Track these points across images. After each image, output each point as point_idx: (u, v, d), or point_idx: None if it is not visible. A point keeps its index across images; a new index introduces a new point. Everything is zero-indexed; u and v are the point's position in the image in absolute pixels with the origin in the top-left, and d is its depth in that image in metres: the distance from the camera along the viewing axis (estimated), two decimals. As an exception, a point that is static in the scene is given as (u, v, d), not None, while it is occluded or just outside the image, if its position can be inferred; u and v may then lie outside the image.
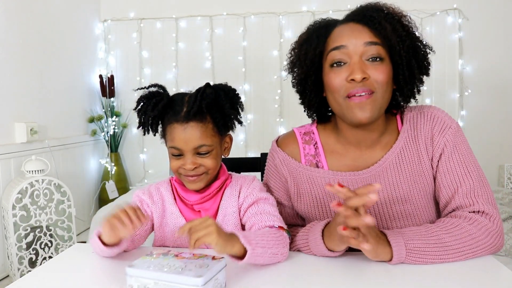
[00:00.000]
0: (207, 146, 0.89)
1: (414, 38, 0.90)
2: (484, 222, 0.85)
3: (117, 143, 3.19)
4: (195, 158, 0.90)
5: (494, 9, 2.93)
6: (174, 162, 0.92)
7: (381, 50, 0.87)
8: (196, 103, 0.87)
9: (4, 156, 2.16)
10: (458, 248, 0.81)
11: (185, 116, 0.88)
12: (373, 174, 0.95)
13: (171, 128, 0.90)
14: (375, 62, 0.87)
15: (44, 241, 2.16)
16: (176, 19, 3.14)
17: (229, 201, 0.96)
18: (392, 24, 0.88)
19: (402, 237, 0.80)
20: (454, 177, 0.91)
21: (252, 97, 3.13)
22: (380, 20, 0.87)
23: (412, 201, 0.94)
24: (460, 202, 0.89)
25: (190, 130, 0.88)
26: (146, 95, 0.94)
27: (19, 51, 2.32)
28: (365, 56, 0.87)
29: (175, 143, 0.89)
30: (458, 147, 0.93)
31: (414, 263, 0.79)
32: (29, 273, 0.82)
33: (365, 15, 0.89)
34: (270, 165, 1.07)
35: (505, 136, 2.97)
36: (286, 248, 0.85)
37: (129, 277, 0.71)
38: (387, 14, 0.89)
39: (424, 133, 0.95)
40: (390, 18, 0.88)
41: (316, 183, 0.98)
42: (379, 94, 0.87)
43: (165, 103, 0.91)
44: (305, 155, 1.01)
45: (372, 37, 0.87)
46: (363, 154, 0.97)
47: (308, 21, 1.00)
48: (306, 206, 1.00)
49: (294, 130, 1.07)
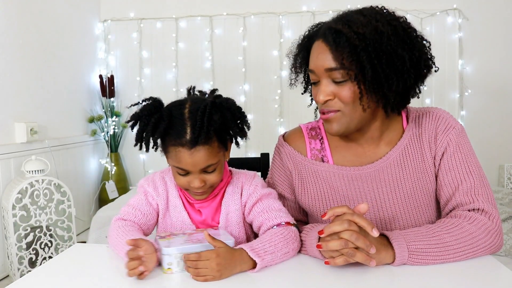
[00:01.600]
0: (213, 165, 0.88)
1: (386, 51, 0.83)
2: (483, 221, 0.85)
3: (117, 143, 3.19)
4: (202, 176, 0.89)
5: (494, 9, 2.93)
6: (180, 180, 0.90)
7: (341, 73, 0.86)
8: (204, 130, 0.83)
9: (4, 156, 2.16)
10: (459, 247, 0.81)
11: (191, 142, 0.84)
12: (377, 169, 0.96)
13: (176, 151, 0.86)
14: (341, 83, 0.88)
15: (44, 241, 2.16)
16: (176, 19, 3.14)
17: (231, 199, 0.97)
18: (352, 45, 0.83)
19: (404, 239, 0.80)
20: (456, 175, 0.92)
21: (252, 97, 3.13)
22: (340, 41, 0.84)
23: (414, 198, 0.95)
24: (461, 200, 0.90)
25: (197, 154, 0.85)
26: (142, 112, 0.88)
27: (19, 51, 2.32)
28: (331, 78, 0.89)
29: (181, 166, 0.87)
30: (461, 146, 0.94)
31: (416, 265, 0.80)
32: (29, 273, 0.82)
33: (326, 35, 0.87)
34: (275, 159, 1.09)
35: (505, 136, 2.97)
36: (296, 243, 0.88)
37: (167, 256, 0.79)
38: (350, 31, 0.84)
39: (428, 132, 0.96)
40: (351, 37, 0.83)
41: (320, 177, 1.00)
42: (346, 112, 0.90)
43: (167, 124, 0.86)
44: (311, 149, 1.04)
45: (332, 62, 0.86)
46: (366, 150, 1.00)
47: (308, 21, 1.01)
48: (310, 200, 1.02)
49: (301, 125, 1.10)
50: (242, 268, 0.80)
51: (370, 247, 0.75)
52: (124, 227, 0.93)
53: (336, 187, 0.98)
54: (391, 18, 0.87)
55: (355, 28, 0.84)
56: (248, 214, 0.96)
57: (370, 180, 0.97)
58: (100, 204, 3.04)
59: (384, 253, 0.79)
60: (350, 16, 0.88)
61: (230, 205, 0.97)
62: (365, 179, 0.97)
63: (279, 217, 0.92)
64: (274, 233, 0.87)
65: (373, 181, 0.96)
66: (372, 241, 0.78)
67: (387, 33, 0.84)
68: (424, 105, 2.97)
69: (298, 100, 2.94)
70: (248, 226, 1.00)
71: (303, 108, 3.05)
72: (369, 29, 0.84)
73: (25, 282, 0.79)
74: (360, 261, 0.76)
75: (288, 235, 0.87)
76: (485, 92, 2.97)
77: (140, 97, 3.19)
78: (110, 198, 2.97)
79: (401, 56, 0.84)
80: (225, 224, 0.97)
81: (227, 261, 0.77)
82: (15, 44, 2.29)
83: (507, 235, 1.84)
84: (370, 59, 0.83)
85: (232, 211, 0.97)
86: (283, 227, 0.90)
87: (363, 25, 0.84)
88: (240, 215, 0.97)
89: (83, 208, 2.94)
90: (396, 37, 0.84)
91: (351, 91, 0.87)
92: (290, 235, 0.88)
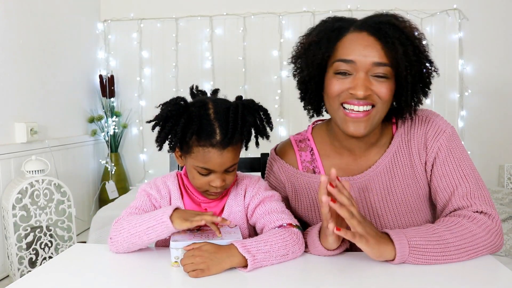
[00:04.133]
0: (235, 164, 0.90)
1: (422, 61, 0.89)
2: (484, 220, 0.85)
3: (117, 143, 3.19)
4: (223, 176, 0.90)
5: (494, 9, 2.93)
6: (201, 180, 0.90)
7: (388, 70, 0.86)
8: (238, 131, 0.84)
9: (4, 156, 2.15)
10: (460, 245, 0.81)
11: (223, 143, 0.84)
12: (367, 178, 0.97)
13: (205, 151, 0.85)
14: (380, 78, 0.87)
15: (44, 241, 2.16)
16: (176, 19, 3.14)
17: (234, 200, 0.97)
18: (405, 47, 0.85)
19: (404, 235, 0.80)
20: (450, 181, 0.91)
21: (252, 97, 3.08)
22: (393, 39, 0.85)
23: (406, 204, 0.95)
24: (458, 204, 0.89)
25: (227, 154, 0.86)
26: (171, 112, 0.85)
27: (19, 51, 2.32)
28: (371, 73, 0.87)
29: (209, 166, 0.87)
30: (453, 151, 0.93)
31: (416, 263, 0.79)
32: (29, 273, 0.82)
33: (380, 29, 0.86)
34: (269, 172, 1.10)
35: (505, 136, 2.97)
36: (297, 245, 0.87)
37: (174, 250, 0.82)
38: (402, 34, 0.86)
39: (417, 137, 0.95)
40: (404, 39, 0.85)
41: (313, 188, 1.01)
42: (378, 109, 0.88)
43: (198, 125, 0.84)
44: (301, 161, 1.04)
45: (382, 57, 0.86)
46: (357, 158, 0.99)
47: (308, 21, 1.01)
48: (305, 210, 1.03)
49: (290, 138, 1.09)
50: (232, 262, 0.79)
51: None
52: (137, 216, 0.91)
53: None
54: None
55: (402, 27, 0.87)
56: (251, 216, 0.97)
57: (362, 190, 0.97)
58: (100, 204, 3.04)
59: (384, 246, 0.78)
60: (392, 16, 0.90)
61: (232, 206, 0.97)
62: (356, 189, 0.97)
63: (281, 219, 0.92)
64: (273, 234, 0.86)
65: (364, 191, 0.96)
66: (369, 235, 0.78)
67: (419, 40, 0.88)
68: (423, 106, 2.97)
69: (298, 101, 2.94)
70: (251, 228, 1.00)
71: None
72: (411, 32, 0.87)
73: (25, 282, 0.79)
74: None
75: (289, 237, 0.86)
76: (485, 92, 2.96)
77: (140, 97, 3.20)
78: (110, 198, 2.97)
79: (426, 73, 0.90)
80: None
81: (212, 254, 0.78)
82: (15, 44, 2.29)
83: (507, 235, 1.84)
84: (417, 60, 0.86)
85: (234, 212, 0.97)
86: (285, 228, 0.89)
87: (409, 26, 0.88)
88: (242, 216, 0.97)
89: (83, 208, 2.94)
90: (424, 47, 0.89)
91: (389, 89, 0.87)
92: (291, 237, 0.87)
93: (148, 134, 3.22)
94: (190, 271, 0.77)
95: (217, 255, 0.79)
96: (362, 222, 0.78)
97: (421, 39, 0.89)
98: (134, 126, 3.25)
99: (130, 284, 0.78)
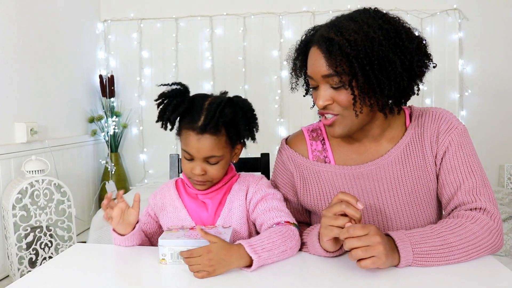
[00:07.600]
0: (217, 157, 0.93)
1: (388, 55, 0.84)
2: (486, 220, 0.86)
3: (117, 143, 3.19)
4: (204, 165, 0.94)
5: (494, 9, 2.93)
6: (186, 165, 0.96)
7: (337, 79, 0.87)
8: (214, 120, 0.89)
9: (4, 156, 2.16)
10: (463, 248, 0.82)
11: (200, 128, 0.90)
12: (378, 166, 0.97)
13: (186, 134, 0.92)
14: (336, 89, 0.89)
15: (44, 241, 2.16)
16: (176, 19, 3.14)
17: (236, 195, 1.00)
18: (344, 53, 0.84)
19: (409, 242, 0.81)
20: (458, 175, 0.93)
21: (252, 97, 3.10)
22: (332, 49, 0.85)
23: (415, 195, 0.96)
24: (463, 199, 0.90)
25: (204, 141, 0.91)
26: (168, 93, 0.94)
27: (19, 51, 2.32)
28: (329, 83, 0.89)
29: (188, 149, 0.93)
30: (463, 147, 0.95)
31: (420, 266, 0.80)
32: (29, 273, 0.82)
33: (323, 41, 0.87)
34: (277, 162, 1.12)
35: (505, 136, 2.97)
36: (294, 241, 0.89)
37: (162, 247, 0.84)
38: (342, 38, 0.84)
39: (430, 131, 0.97)
40: (343, 45, 0.84)
41: (322, 177, 1.02)
42: (345, 115, 0.91)
43: (186, 108, 0.92)
44: (312, 151, 1.05)
45: (327, 69, 0.87)
46: (368, 147, 1.00)
47: (308, 21, 1.01)
48: (313, 200, 1.03)
49: (302, 128, 1.12)
50: (239, 264, 0.81)
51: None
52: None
53: (338, 186, 0.99)
54: (384, 20, 0.87)
55: (346, 36, 0.85)
56: (252, 211, 0.99)
57: (372, 178, 0.97)
58: (100, 204, 3.03)
59: (390, 259, 0.79)
60: (342, 22, 0.88)
61: (234, 201, 1.00)
62: (367, 176, 0.98)
63: (279, 216, 0.95)
64: (273, 231, 0.88)
65: (374, 179, 0.97)
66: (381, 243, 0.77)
67: (378, 38, 0.84)
68: (423, 105, 2.98)
69: (298, 101, 2.94)
70: (252, 224, 1.02)
71: (303, 108, 3.06)
72: (361, 36, 0.84)
73: (25, 282, 0.79)
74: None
75: (286, 233, 0.89)
76: (485, 92, 2.97)
77: (140, 97, 3.20)
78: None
79: (392, 61, 0.85)
80: (226, 218, 0.99)
81: (221, 256, 0.79)
82: (15, 44, 2.29)
83: (507, 235, 1.84)
84: (362, 66, 0.84)
85: (235, 207, 0.99)
86: (282, 225, 0.92)
87: (354, 31, 0.85)
88: (243, 211, 0.99)
89: (83, 208, 2.94)
90: (387, 41, 0.85)
91: (347, 96, 0.88)
92: (288, 233, 0.89)
93: (148, 134, 3.23)
94: (196, 272, 0.78)
95: (226, 258, 0.79)
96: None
97: (389, 30, 0.85)
98: (134, 126, 3.25)
99: (130, 284, 0.78)
